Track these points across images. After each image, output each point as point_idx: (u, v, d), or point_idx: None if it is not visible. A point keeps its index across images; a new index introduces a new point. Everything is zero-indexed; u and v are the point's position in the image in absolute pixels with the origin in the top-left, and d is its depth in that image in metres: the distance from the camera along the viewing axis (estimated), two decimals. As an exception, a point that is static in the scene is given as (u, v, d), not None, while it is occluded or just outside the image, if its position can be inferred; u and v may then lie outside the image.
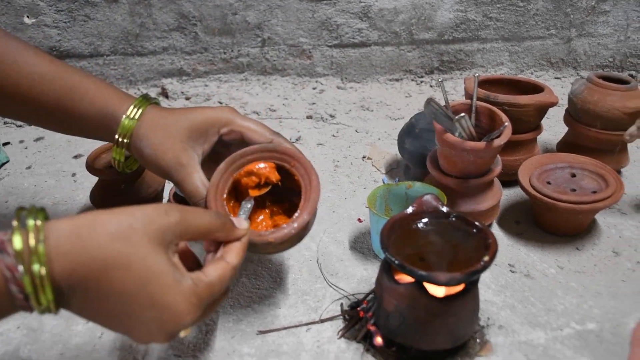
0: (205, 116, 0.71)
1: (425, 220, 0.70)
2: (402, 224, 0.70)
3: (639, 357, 0.51)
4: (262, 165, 0.71)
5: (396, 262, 0.62)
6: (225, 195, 0.69)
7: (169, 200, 1.01)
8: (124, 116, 0.70)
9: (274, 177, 0.71)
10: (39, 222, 0.46)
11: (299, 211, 0.69)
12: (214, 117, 0.72)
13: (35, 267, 0.45)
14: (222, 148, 0.74)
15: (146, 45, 1.49)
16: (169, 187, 1.03)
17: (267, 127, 0.73)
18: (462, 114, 0.82)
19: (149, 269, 0.50)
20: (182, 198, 1.09)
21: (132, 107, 0.70)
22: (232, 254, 0.59)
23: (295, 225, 0.67)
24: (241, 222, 0.63)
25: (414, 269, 0.61)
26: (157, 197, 0.95)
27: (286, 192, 0.74)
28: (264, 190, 0.71)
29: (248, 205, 0.70)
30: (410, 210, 0.71)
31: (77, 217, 0.49)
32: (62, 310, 0.49)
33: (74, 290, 0.47)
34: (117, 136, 0.70)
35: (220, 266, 0.57)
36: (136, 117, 0.70)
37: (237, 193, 0.73)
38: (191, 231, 0.55)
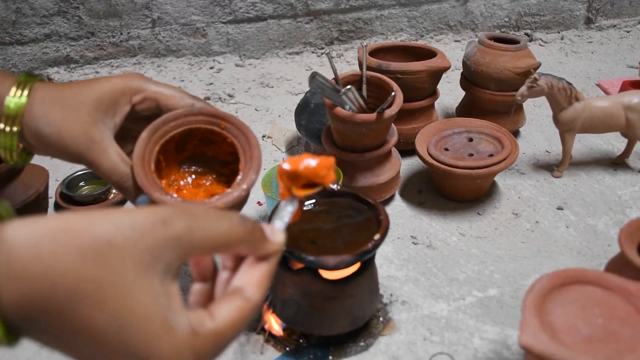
0: (112, 85, 0.61)
1: (313, 200, 0.67)
2: (292, 207, 0.66)
3: (530, 325, 0.50)
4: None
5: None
6: (152, 168, 0.60)
7: (55, 202, 0.93)
8: (8, 96, 0.57)
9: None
10: None
11: (241, 172, 0.60)
12: (123, 85, 0.61)
13: None
14: (133, 124, 0.63)
15: (26, 32, 1.39)
16: (53, 186, 0.95)
17: (184, 91, 0.64)
18: (349, 87, 0.79)
19: (130, 306, 0.35)
20: (69, 197, 0.98)
21: (15, 86, 0.58)
22: (254, 285, 0.42)
23: (245, 186, 0.58)
24: (276, 233, 0.44)
25: (301, 254, 0.58)
26: (39, 199, 0.87)
27: (209, 162, 0.65)
28: (314, 190, 0.52)
29: (289, 208, 0.50)
30: (298, 191, 0.67)
31: (41, 221, 0.34)
32: None
33: (29, 325, 0.34)
34: (3, 120, 0.58)
35: (236, 306, 0.40)
36: (24, 94, 0.58)
37: (158, 168, 0.62)
38: (202, 245, 0.39)
